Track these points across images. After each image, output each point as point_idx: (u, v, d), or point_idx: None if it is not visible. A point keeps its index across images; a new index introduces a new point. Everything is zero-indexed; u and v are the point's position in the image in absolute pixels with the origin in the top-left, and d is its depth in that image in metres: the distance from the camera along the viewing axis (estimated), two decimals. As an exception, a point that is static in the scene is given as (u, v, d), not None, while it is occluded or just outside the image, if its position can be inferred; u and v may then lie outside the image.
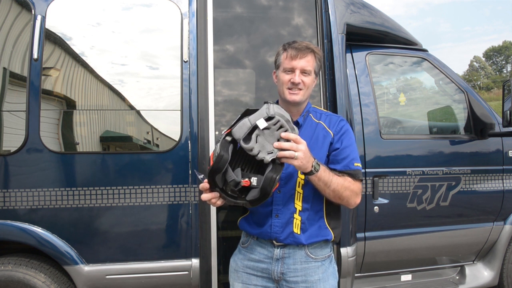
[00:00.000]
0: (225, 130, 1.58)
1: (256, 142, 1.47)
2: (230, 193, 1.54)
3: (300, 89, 1.73)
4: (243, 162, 1.56)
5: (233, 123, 1.57)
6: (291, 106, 1.78)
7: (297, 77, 1.71)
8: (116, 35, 2.49)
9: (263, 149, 1.47)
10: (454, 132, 3.37)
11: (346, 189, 1.67)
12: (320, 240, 1.74)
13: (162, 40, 2.54)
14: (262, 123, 1.47)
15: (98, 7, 2.48)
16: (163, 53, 2.54)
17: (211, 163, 1.49)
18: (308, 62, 1.73)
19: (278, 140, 1.49)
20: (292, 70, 1.73)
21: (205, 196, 1.58)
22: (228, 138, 1.52)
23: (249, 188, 1.51)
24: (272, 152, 1.47)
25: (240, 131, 1.49)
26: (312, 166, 1.55)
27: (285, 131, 1.50)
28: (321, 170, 1.58)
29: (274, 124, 1.48)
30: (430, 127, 3.50)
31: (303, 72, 1.73)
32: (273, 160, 1.49)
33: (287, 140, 1.49)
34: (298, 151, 1.49)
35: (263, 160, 1.47)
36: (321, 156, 1.73)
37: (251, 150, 1.46)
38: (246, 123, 1.49)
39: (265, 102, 1.56)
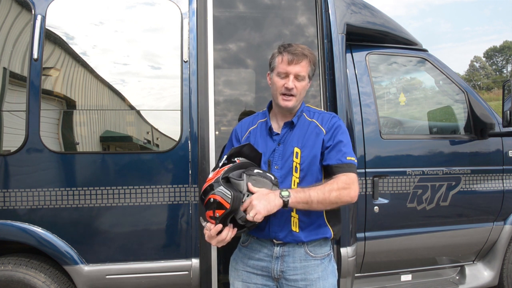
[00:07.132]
0: (214, 172, 1.64)
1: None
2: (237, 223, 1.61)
3: (293, 95, 1.74)
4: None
5: (220, 164, 1.68)
6: (284, 110, 1.79)
7: (291, 83, 1.72)
8: (115, 35, 2.49)
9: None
10: (454, 132, 3.37)
11: (331, 191, 1.60)
12: (320, 237, 1.75)
13: (161, 40, 2.54)
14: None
15: (97, 7, 2.47)
16: (163, 53, 2.54)
17: (227, 205, 1.52)
18: (302, 67, 1.73)
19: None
20: (286, 75, 1.74)
21: (226, 238, 1.59)
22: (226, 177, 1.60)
23: None
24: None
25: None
26: (279, 203, 1.56)
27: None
28: (291, 198, 1.57)
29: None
30: (430, 127, 3.50)
31: (297, 77, 1.73)
32: None
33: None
34: (253, 207, 1.53)
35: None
36: (314, 154, 1.73)
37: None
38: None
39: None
